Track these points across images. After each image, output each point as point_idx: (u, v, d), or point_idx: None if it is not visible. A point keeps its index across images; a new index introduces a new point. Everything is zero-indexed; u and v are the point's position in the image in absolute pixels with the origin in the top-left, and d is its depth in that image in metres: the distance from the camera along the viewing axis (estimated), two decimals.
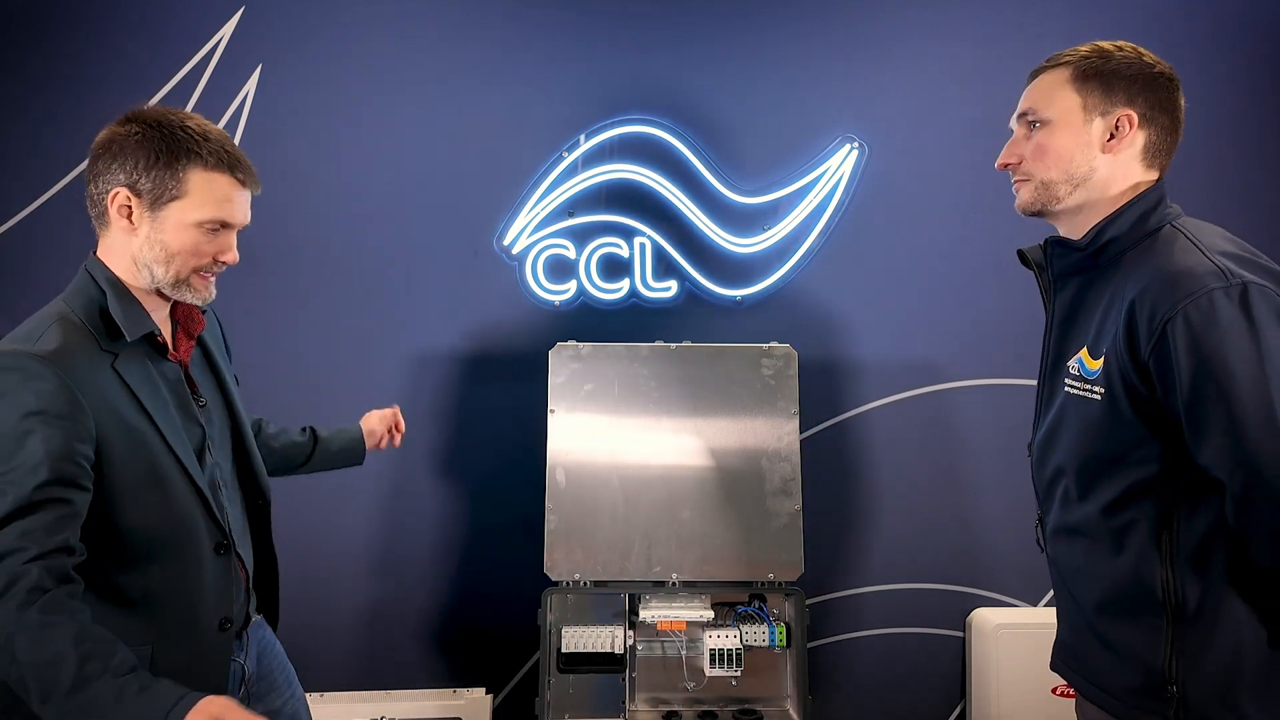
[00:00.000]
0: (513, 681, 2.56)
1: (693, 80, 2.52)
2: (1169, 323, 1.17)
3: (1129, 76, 1.31)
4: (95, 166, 1.33)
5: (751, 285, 2.53)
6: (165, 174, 1.31)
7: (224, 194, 1.35)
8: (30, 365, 1.21)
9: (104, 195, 1.33)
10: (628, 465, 2.22)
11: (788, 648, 2.18)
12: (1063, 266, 1.39)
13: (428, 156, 2.50)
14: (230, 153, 1.36)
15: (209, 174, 1.33)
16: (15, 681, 1.12)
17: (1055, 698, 2.45)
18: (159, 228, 1.33)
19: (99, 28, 2.43)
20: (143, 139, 1.30)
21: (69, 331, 1.27)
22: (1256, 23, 2.55)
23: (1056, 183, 1.34)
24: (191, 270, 1.36)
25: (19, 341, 1.25)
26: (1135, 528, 1.26)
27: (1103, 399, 1.26)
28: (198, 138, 1.32)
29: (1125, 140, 1.31)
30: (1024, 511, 2.53)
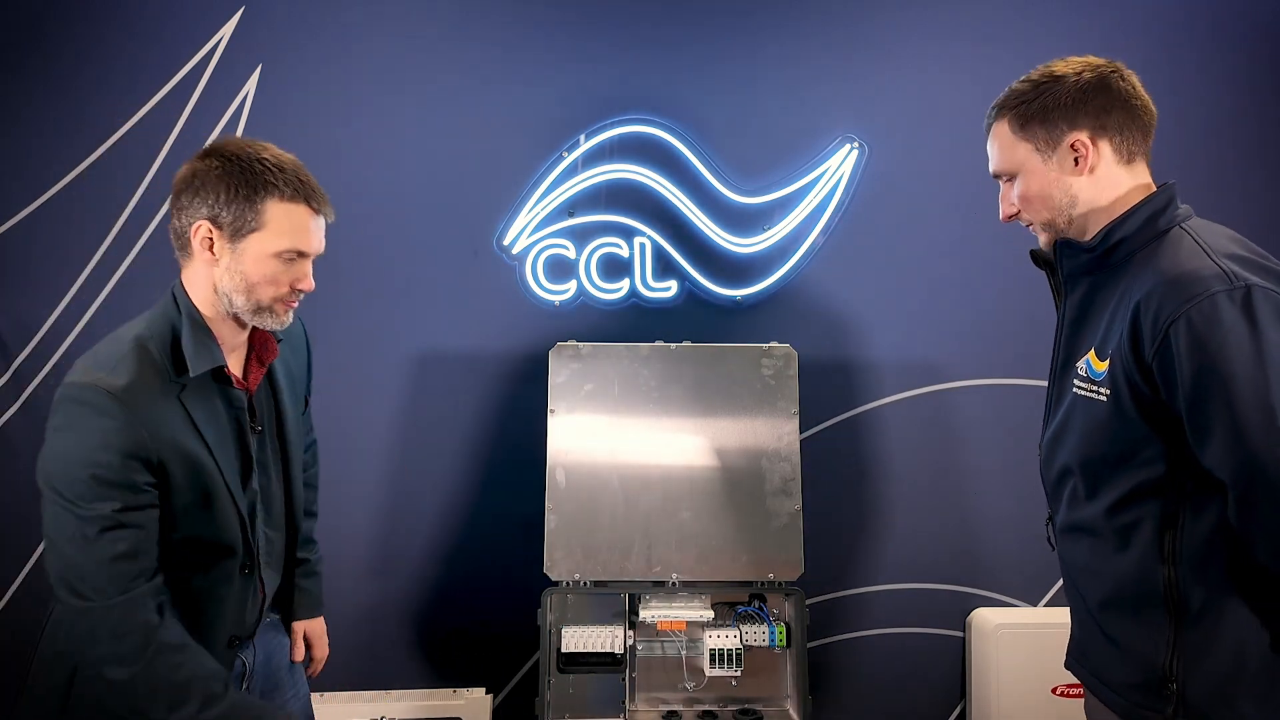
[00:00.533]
0: (513, 681, 2.56)
1: (693, 80, 2.52)
2: (1172, 325, 1.18)
3: (1061, 104, 1.33)
4: (178, 200, 1.39)
5: (751, 285, 2.53)
6: (245, 207, 1.36)
7: (300, 224, 1.40)
8: (102, 402, 1.28)
9: (187, 228, 1.38)
10: (628, 465, 2.22)
11: (788, 648, 2.18)
12: (1072, 267, 1.40)
13: (428, 156, 2.50)
14: (305, 183, 1.41)
15: (286, 205, 1.39)
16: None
17: (1055, 698, 2.45)
18: (239, 258, 1.38)
19: (99, 28, 2.43)
20: (223, 173, 1.36)
21: (142, 363, 1.34)
22: (1256, 23, 2.55)
23: (1053, 219, 1.38)
24: (271, 299, 1.41)
25: (100, 366, 1.32)
26: (1140, 527, 1.28)
27: (1108, 400, 1.28)
28: (274, 169, 1.38)
29: (1089, 159, 1.33)
30: (1024, 511, 2.55)
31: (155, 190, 2.45)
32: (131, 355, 1.33)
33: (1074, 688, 2.45)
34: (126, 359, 1.33)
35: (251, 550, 1.47)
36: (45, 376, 2.44)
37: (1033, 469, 2.52)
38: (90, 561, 1.28)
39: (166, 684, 1.28)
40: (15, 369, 2.44)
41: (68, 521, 1.28)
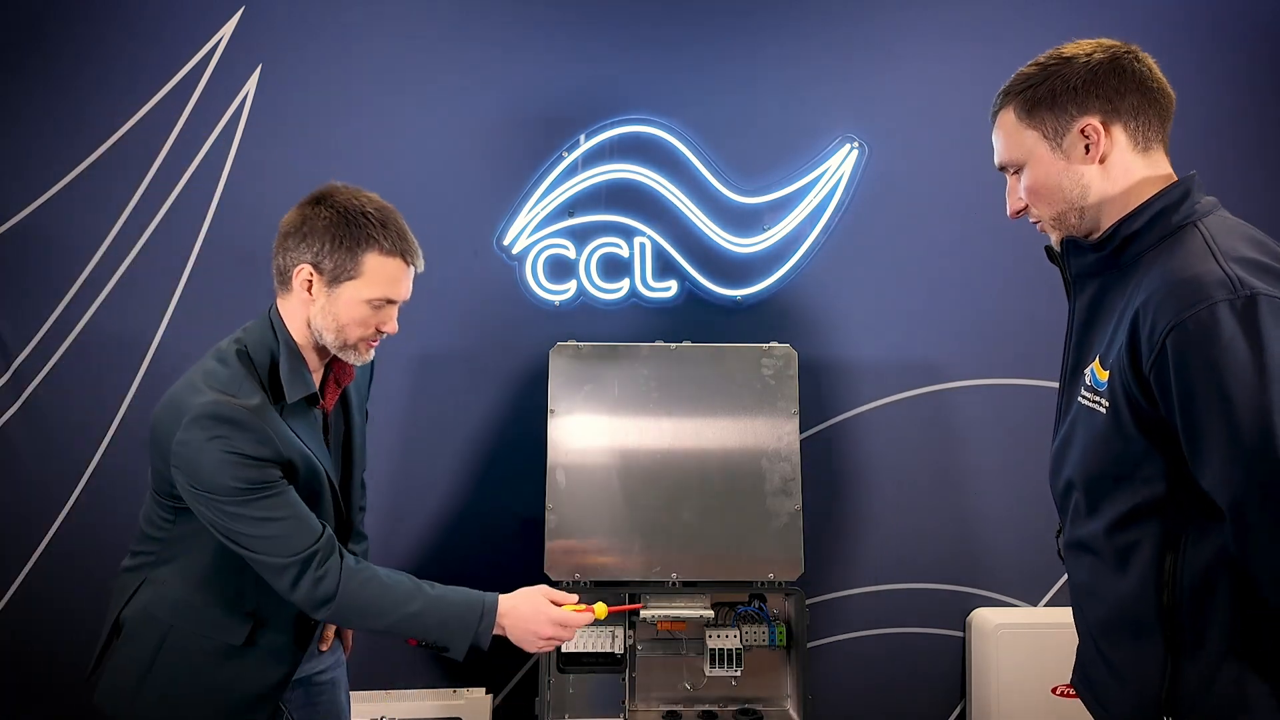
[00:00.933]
0: (513, 681, 2.56)
1: (693, 80, 2.52)
2: (1169, 336, 1.09)
3: (1071, 86, 1.23)
4: (285, 242, 1.53)
5: (751, 285, 2.53)
6: (346, 257, 1.50)
7: (394, 275, 1.54)
8: (242, 417, 1.44)
9: (290, 268, 1.53)
10: (628, 465, 2.22)
11: (788, 648, 2.18)
12: (1080, 267, 1.31)
13: (428, 156, 2.50)
14: (403, 237, 1.55)
15: (384, 259, 1.52)
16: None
17: (1055, 698, 2.45)
18: (334, 301, 1.52)
19: (99, 28, 2.43)
20: (330, 223, 1.50)
21: (254, 385, 1.50)
22: (1257, 23, 2.55)
23: (1064, 213, 1.28)
24: (357, 338, 1.56)
25: (227, 388, 1.47)
26: (1139, 548, 1.20)
27: (1107, 413, 1.20)
28: (377, 224, 1.51)
29: (1101, 146, 1.23)
30: (1024, 511, 2.55)
31: (155, 190, 2.45)
32: (249, 380, 1.49)
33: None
34: (246, 383, 1.49)
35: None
36: (45, 376, 2.44)
37: (1032, 469, 2.54)
38: (270, 532, 1.45)
39: (364, 603, 1.50)
40: (15, 369, 2.44)
41: (235, 510, 1.44)
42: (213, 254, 2.47)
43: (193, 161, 2.46)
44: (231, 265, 2.47)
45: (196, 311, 2.46)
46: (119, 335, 2.45)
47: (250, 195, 2.47)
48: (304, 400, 1.56)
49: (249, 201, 2.47)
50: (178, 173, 2.46)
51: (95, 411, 2.45)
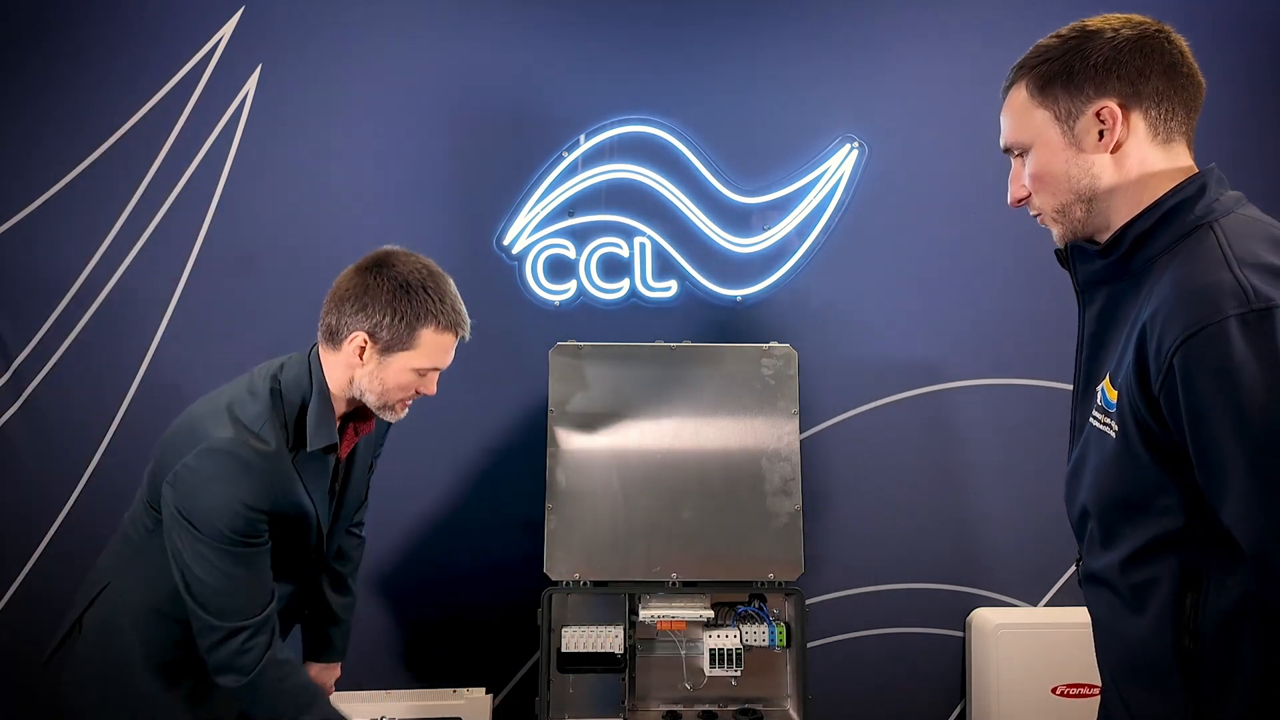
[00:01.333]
0: (513, 681, 2.56)
1: (693, 80, 2.52)
2: (1175, 354, 0.97)
3: (1091, 64, 1.10)
4: (341, 305, 1.54)
5: (751, 285, 2.53)
6: (404, 330, 1.53)
7: (445, 347, 1.59)
8: (254, 460, 1.46)
9: (344, 332, 1.54)
10: (628, 465, 2.22)
11: (788, 648, 2.18)
12: (1088, 275, 1.19)
13: (428, 156, 2.50)
14: (457, 311, 1.59)
15: (439, 334, 1.56)
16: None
17: (1055, 698, 2.45)
18: (384, 368, 1.55)
19: (99, 28, 2.43)
20: (392, 298, 1.52)
21: (278, 429, 1.52)
22: (1257, 23, 2.55)
23: (1069, 205, 1.15)
24: (397, 400, 1.59)
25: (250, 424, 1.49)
26: (1157, 586, 1.07)
27: (1117, 437, 1.08)
28: (436, 300, 1.54)
29: (1116, 132, 1.10)
30: (1024, 511, 2.55)
31: (155, 190, 2.45)
32: (273, 421, 1.51)
33: (1074, 687, 2.45)
34: (269, 423, 1.51)
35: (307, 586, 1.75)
36: (45, 376, 2.44)
37: (1032, 469, 2.54)
38: (230, 588, 1.47)
39: (271, 692, 1.50)
40: (15, 369, 2.44)
41: (218, 558, 1.46)
42: (213, 254, 2.47)
43: (193, 161, 2.46)
44: (231, 265, 2.47)
45: (196, 311, 2.46)
46: (119, 335, 2.45)
47: (250, 195, 2.47)
48: (323, 452, 1.58)
49: (249, 201, 2.47)
50: (178, 173, 2.46)
51: (95, 411, 2.45)
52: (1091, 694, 2.45)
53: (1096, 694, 2.44)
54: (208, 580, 1.45)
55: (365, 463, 1.81)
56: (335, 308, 1.55)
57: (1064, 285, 1.45)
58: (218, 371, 1.84)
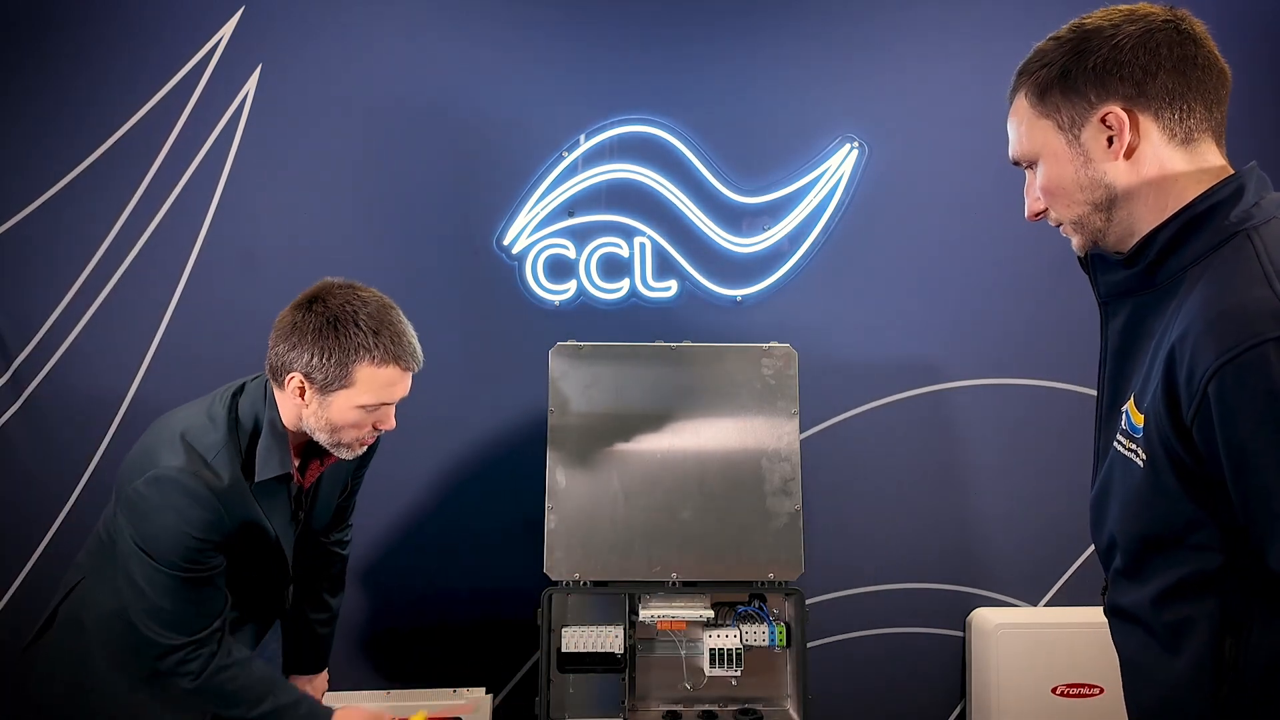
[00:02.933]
0: (513, 681, 2.56)
1: (693, 80, 2.51)
2: (1210, 382, 0.88)
3: (1090, 67, 1.01)
4: (276, 345, 1.50)
5: (751, 285, 2.53)
6: (337, 369, 1.47)
7: (388, 381, 1.51)
8: (202, 494, 1.46)
9: (283, 373, 1.50)
10: (628, 465, 2.22)
11: (788, 648, 2.18)
12: (1110, 287, 1.10)
13: (428, 156, 2.50)
14: (398, 343, 1.50)
15: (377, 369, 1.49)
16: None
17: (1055, 698, 2.45)
18: (326, 407, 1.50)
19: (99, 28, 2.43)
20: (319, 334, 1.46)
21: (233, 458, 1.50)
22: (1258, 23, 2.55)
23: (1086, 216, 1.07)
24: (351, 439, 1.55)
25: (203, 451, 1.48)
26: (1193, 629, 0.97)
27: (1145, 467, 0.99)
28: (368, 333, 1.47)
29: (1125, 138, 1.01)
30: (1024, 511, 2.55)
31: (155, 190, 2.45)
32: (227, 449, 1.50)
33: (1074, 687, 2.45)
34: (223, 453, 1.49)
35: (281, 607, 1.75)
36: (45, 376, 2.44)
37: (1032, 469, 2.54)
38: (175, 608, 1.48)
39: (219, 694, 1.52)
40: (15, 369, 2.44)
41: (161, 579, 1.47)
42: (213, 254, 2.47)
43: (193, 161, 2.46)
44: (231, 265, 2.47)
45: (196, 311, 2.46)
46: (119, 335, 2.45)
47: (250, 195, 2.47)
48: (278, 480, 1.56)
49: (249, 201, 2.47)
50: (178, 173, 2.46)
51: (95, 411, 2.45)
52: (1091, 694, 2.45)
53: (1096, 694, 2.45)
54: (156, 600, 1.47)
55: (336, 486, 1.78)
56: (274, 345, 1.51)
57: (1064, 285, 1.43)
58: (218, 372, 1.84)
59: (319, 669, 1.99)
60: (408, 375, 1.55)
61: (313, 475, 1.65)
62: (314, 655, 1.97)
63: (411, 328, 1.56)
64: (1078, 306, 2.49)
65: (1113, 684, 2.44)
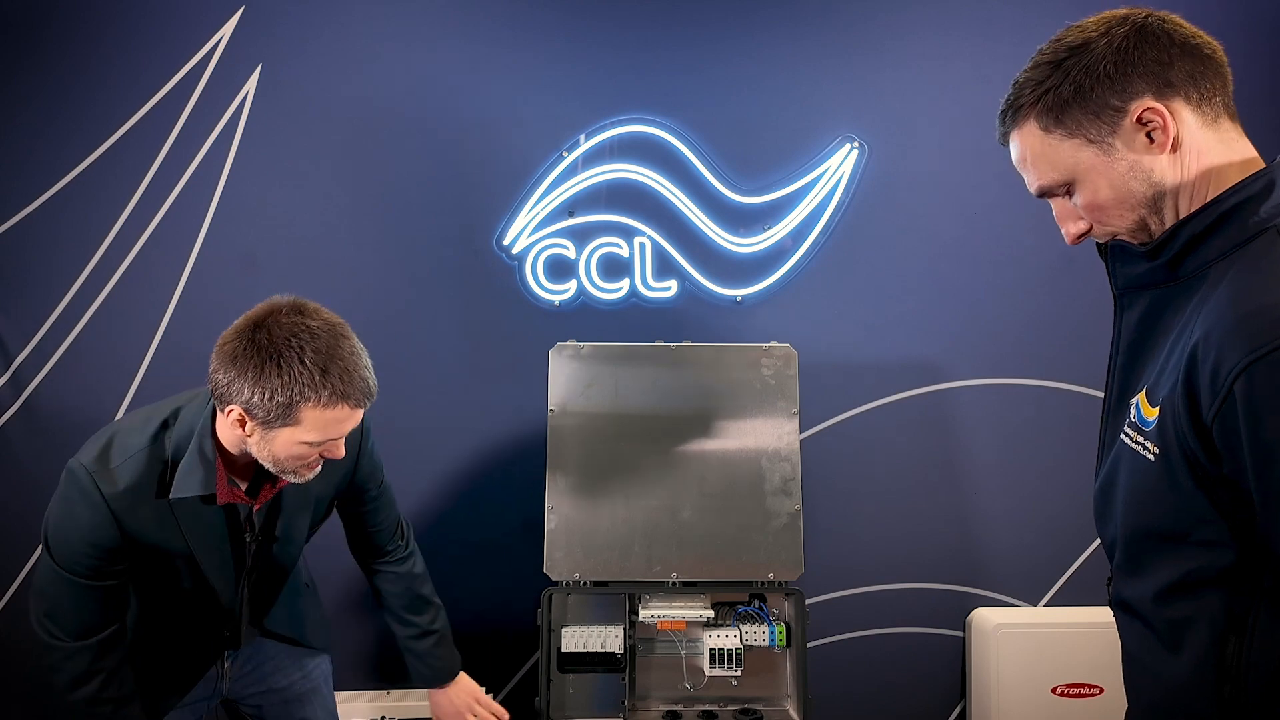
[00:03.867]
0: (513, 681, 2.56)
1: (693, 80, 2.52)
2: (1236, 382, 0.86)
3: (1100, 75, 0.99)
4: (216, 372, 1.38)
5: (751, 285, 2.53)
6: (279, 409, 1.35)
7: (335, 419, 1.39)
8: (94, 498, 1.42)
9: (223, 401, 1.39)
10: (627, 465, 2.22)
11: (788, 648, 2.18)
12: (1129, 279, 1.08)
13: (428, 156, 2.50)
14: (346, 382, 1.36)
15: (323, 409, 1.36)
16: None
17: (1055, 697, 2.45)
18: (269, 441, 1.40)
19: (99, 27, 2.43)
20: (259, 374, 1.33)
21: (150, 467, 1.45)
22: (1259, 23, 2.55)
23: (1142, 220, 1.03)
24: (296, 467, 1.45)
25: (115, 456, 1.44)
26: (1194, 626, 0.97)
27: (1156, 461, 0.98)
28: (315, 372, 1.33)
29: (1170, 129, 0.98)
30: (1024, 511, 2.55)
31: (155, 190, 2.45)
32: (142, 456, 1.44)
33: (1074, 687, 2.45)
34: (135, 459, 1.44)
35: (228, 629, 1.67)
36: (45, 376, 2.44)
37: (1033, 469, 2.54)
38: (60, 608, 1.48)
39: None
40: (15, 369, 2.44)
41: (49, 571, 1.47)
42: (213, 254, 2.47)
43: (193, 161, 2.46)
44: (231, 265, 2.47)
45: (196, 311, 2.47)
46: (119, 335, 2.45)
47: (250, 195, 2.47)
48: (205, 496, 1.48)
49: (249, 201, 2.47)
50: (178, 173, 2.46)
51: (95, 411, 2.45)
52: (1091, 694, 2.45)
53: (1096, 694, 2.45)
54: (40, 584, 1.49)
55: (303, 509, 1.65)
56: (214, 370, 1.39)
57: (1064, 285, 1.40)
58: None
59: (439, 682, 1.94)
60: (359, 410, 1.43)
61: (266, 495, 1.55)
62: (425, 669, 1.92)
63: (364, 355, 1.43)
64: (1078, 306, 2.49)
65: (1113, 684, 2.45)
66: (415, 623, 1.90)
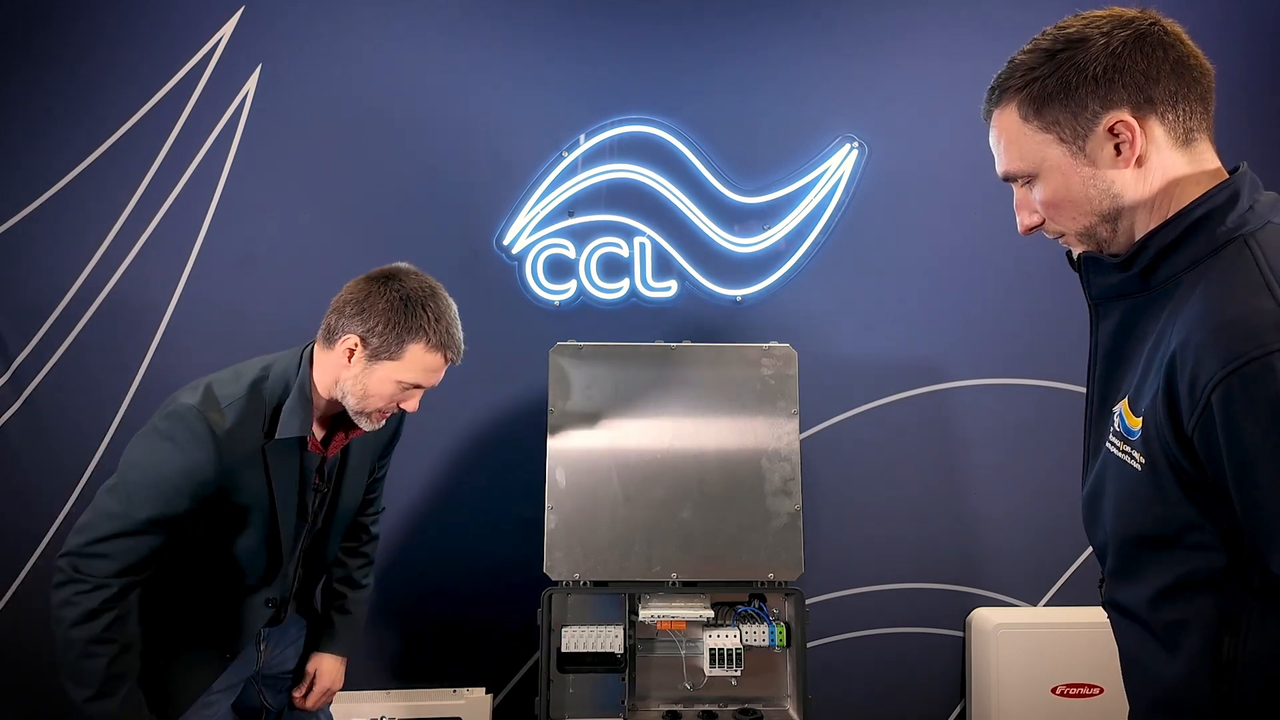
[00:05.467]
0: (513, 681, 2.56)
1: (692, 80, 2.51)
2: (1213, 393, 0.88)
3: (1090, 76, 0.99)
4: (343, 308, 1.58)
5: (751, 285, 2.53)
6: (393, 340, 1.55)
7: (431, 366, 1.60)
8: (203, 434, 1.50)
9: (339, 333, 1.58)
10: (627, 465, 2.22)
11: (788, 648, 2.18)
12: (1103, 289, 1.10)
13: (428, 156, 2.50)
14: (451, 335, 1.60)
15: (427, 351, 1.57)
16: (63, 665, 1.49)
17: (1055, 697, 2.45)
18: (368, 374, 1.57)
19: (99, 27, 2.43)
20: (390, 306, 1.55)
21: (251, 411, 1.56)
22: (1260, 23, 2.55)
23: (1093, 227, 1.05)
24: (376, 409, 1.61)
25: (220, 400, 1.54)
26: (1190, 627, 0.98)
27: (1143, 471, 0.99)
28: (432, 319, 1.57)
29: (1137, 146, 0.99)
30: (1024, 511, 2.55)
31: (156, 190, 2.45)
32: (244, 400, 1.56)
33: (1073, 687, 2.45)
34: (239, 402, 1.55)
35: (283, 585, 1.73)
36: (45, 376, 2.44)
37: (1032, 469, 2.54)
38: (111, 547, 1.48)
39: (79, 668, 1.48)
40: (15, 369, 2.44)
41: (116, 507, 1.48)
42: (213, 254, 2.47)
43: (193, 161, 2.46)
44: (231, 265, 2.47)
45: (196, 311, 2.47)
46: (119, 335, 2.45)
47: (250, 195, 2.47)
48: (297, 444, 1.61)
49: (249, 201, 2.47)
50: (178, 173, 2.46)
51: (95, 411, 2.45)
52: (1091, 694, 2.45)
53: (1096, 694, 2.45)
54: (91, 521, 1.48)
55: (362, 468, 1.81)
56: (337, 310, 1.59)
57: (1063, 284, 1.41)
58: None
59: (342, 650, 1.91)
60: (445, 367, 1.63)
61: (336, 446, 1.69)
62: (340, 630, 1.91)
63: (460, 326, 1.64)
64: (1078, 307, 2.46)
65: (1113, 684, 2.45)
66: (361, 585, 1.96)
